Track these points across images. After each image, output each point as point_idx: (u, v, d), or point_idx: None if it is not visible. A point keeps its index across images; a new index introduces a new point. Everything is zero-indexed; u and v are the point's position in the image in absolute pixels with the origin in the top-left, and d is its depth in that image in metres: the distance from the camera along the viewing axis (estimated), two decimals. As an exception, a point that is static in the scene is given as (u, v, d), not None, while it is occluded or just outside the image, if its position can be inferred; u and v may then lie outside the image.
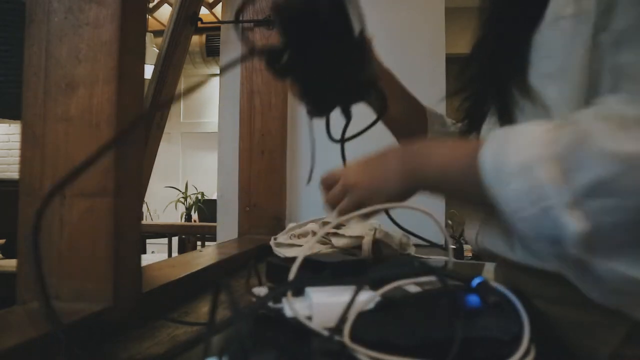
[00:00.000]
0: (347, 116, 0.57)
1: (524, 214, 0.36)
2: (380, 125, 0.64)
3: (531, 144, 0.37)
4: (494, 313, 0.34)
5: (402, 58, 1.31)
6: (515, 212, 0.37)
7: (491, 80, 0.54)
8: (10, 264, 2.18)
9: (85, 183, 0.45)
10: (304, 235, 0.92)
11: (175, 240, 4.13)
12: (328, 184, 0.56)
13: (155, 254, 4.20)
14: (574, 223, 0.34)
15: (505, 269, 0.54)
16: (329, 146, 0.59)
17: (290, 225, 0.98)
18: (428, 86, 1.26)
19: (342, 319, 0.32)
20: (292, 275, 0.38)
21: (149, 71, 0.74)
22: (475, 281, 0.36)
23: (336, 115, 0.57)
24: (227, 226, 1.32)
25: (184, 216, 4.26)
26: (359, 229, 0.86)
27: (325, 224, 0.92)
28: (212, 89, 5.29)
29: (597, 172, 0.34)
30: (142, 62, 0.50)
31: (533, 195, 0.36)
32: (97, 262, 0.44)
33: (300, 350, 0.30)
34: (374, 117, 0.63)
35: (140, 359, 0.39)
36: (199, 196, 4.36)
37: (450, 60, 1.29)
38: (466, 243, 1.94)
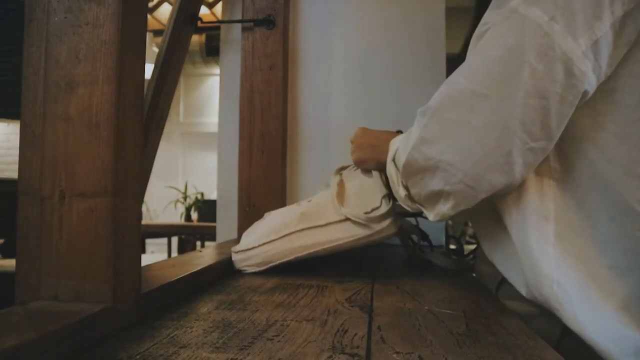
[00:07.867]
0: None
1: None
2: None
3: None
4: None
5: (402, 58, 1.32)
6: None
7: None
8: (10, 263, 2.17)
9: (85, 183, 0.45)
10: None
11: (174, 240, 4.13)
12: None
13: (154, 254, 4.20)
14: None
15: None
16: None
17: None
18: (428, 86, 1.27)
19: None
20: None
21: (149, 71, 0.74)
22: None
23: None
24: (227, 226, 1.32)
25: (183, 216, 4.25)
26: None
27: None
28: (212, 89, 5.29)
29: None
30: (142, 62, 0.50)
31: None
32: (97, 262, 0.44)
33: None
34: None
35: (140, 359, 0.39)
36: (199, 196, 4.35)
37: (451, 60, 1.29)
38: (467, 243, 1.94)
